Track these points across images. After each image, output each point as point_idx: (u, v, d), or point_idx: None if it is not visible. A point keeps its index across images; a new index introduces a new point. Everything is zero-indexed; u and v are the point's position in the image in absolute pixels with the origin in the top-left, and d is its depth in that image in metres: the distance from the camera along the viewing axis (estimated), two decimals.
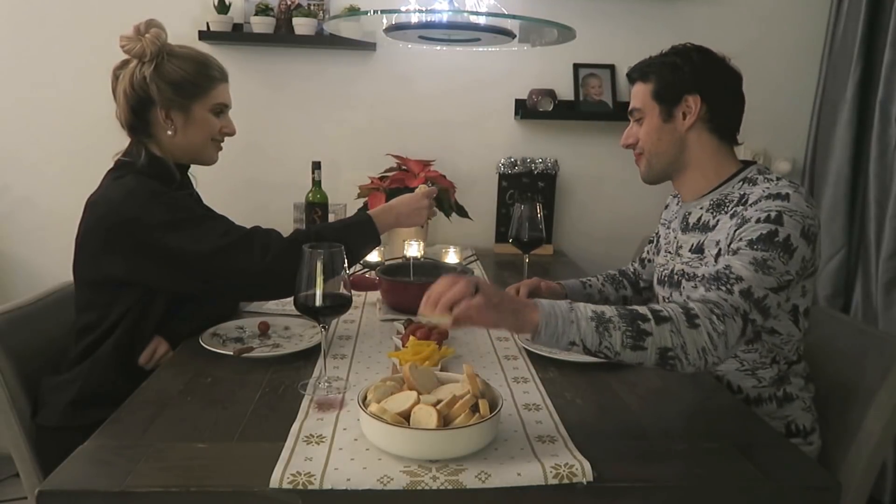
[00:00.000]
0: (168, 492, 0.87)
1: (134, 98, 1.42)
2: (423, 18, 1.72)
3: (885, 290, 2.25)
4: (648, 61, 1.43)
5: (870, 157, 2.32)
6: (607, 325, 1.03)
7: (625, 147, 1.47)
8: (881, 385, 1.33)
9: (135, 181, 1.39)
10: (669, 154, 1.41)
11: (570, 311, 1.04)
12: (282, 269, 1.32)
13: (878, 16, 2.34)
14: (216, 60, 1.51)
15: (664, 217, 1.63)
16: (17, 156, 2.52)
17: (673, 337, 1.05)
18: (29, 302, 1.53)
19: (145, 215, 1.33)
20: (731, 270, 1.17)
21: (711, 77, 1.38)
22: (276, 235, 1.40)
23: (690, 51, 1.40)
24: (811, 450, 1.36)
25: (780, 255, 1.18)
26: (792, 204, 1.23)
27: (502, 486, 0.88)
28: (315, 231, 1.45)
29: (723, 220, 1.34)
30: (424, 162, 2.41)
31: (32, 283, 2.41)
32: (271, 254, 1.35)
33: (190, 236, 1.34)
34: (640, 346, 1.04)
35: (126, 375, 1.37)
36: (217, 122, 1.51)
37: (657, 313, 1.07)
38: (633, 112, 1.44)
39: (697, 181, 1.43)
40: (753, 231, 1.21)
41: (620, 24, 2.59)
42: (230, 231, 1.38)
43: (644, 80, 1.42)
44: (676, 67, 1.38)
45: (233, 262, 1.34)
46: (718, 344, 1.07)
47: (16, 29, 2.45)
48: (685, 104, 1.37)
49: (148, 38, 1.40)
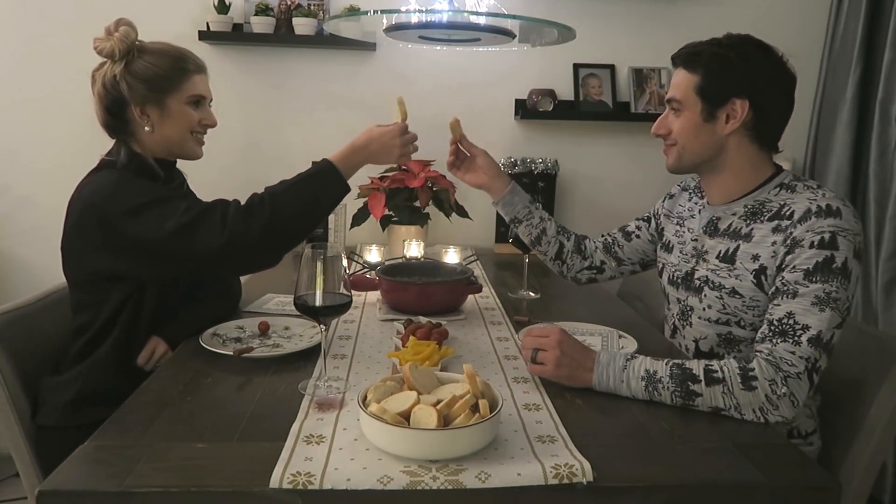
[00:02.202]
0: (168, 492, 0.86)
1: (107, 98, 1.42)
2: (423, 18, 1.71)
3: (885, 291, 2.25)
4: (698, 47, 1.29)
5: (870, 157, 2.32)
6: (657, 386, 1.12)
7: (655, 136, 1.38)
8: (881, 385, 1.33)
9: (105, 176, 1.38)
10: (704, 154, 1.33)
11: (622, 370, 1.14)
12: (241, 240, 1.30)
13: (878, 16, 2.34)
14: (191, 53, 1.50)
15: (668, 209, 1.56)
16: (17, 156, 2.52)
17: (725, 398, 1.09)
18: (29, 302, 1.53)
19: (109, 206, 1.32)
20: (794, 319, 1.13)
21: (766, 81, 1.26)
22: (234, 205, 1.35)
23: (748, 45, 1.26)
24: (811, 450, 1.36)
25: (841, 282, 1.14)
26: (844, 222, 1.17)
27: (502, 486, 0.88)
28: (270, 192, 1.36)
29: (761, 231, 1.27)
30: (424, 162, 2.41)
31: (32, 283, 2.41)
32: (228, 227, 1.30)
33: (151, 220, 1.31)
34: (689, 405, 1.11)
35: (125, 375, 1.37)
36: (195, 114, 1.48)
37: (710, 374, 1.10)
38: (672, 101, 1.33)
39: (730, 185, 1.35)
40: (808, 259, 1.16)
41: (620, 24, 2.59)
42: (191, 207, 1.33)
43: (689, 68, 1.29)
44: (729, 63, 1.25)
45: (195, 239, 1.30)
46: (780, 404, 1.08)
47: (16, 29, 2.45)
48: (731, 107, 1.26)
49: (117, 37, 1.40)
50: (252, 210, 1.32)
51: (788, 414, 1.09)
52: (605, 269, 1.69)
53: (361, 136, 1.46)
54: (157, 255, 1.32)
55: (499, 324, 1.59)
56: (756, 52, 1.27)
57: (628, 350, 1.36)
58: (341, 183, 1.41)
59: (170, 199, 1.35)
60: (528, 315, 1.65)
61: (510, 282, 2.02)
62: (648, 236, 1.63)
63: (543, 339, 1.20)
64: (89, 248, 1.36)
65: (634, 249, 1.65)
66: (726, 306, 1.32)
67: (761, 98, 1.26)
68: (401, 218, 2.35)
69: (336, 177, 1.40)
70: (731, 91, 1.26)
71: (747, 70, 1.25)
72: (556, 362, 1.17)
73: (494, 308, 1.74)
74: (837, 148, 2.43)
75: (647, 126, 2.57)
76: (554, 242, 1.67)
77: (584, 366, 1.17)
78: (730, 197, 1.36)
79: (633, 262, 1.67)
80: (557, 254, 1.68)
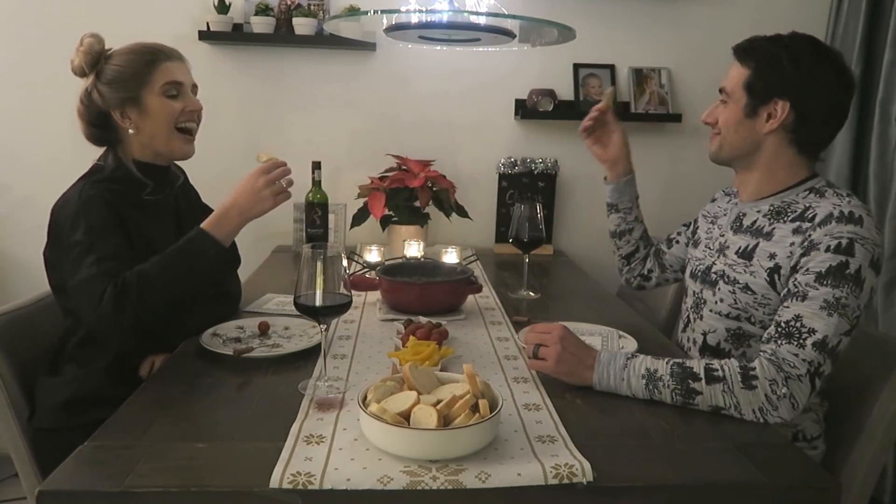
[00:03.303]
0: (168, 492, 0.86)
1: (87, 112, 1.43)
2: (423, 18, 1.71)
3: (885, 291, 2.25)
4: (755, 42, 1.30)
5: (870, 157, 2.32)
6: (657, 384, 1.12)
7: (704, 123, 1.39)
8: (883, 387, 1.33)
9: (78, 193, 1.37)
10: (742, 149, 1.33)
11: (623, 369, 1.15)
12: (109, 326, 1.27)
13: (878, 16, 2.34)
14: (163, 45, 1.46)
15: (708, 210, 1.58)
16: (17, 156, 2.52)
17: (725, 397, 1.09)
18: (28, 302, 1.53)
19: (65, 230, 1.33)
20: (801, 322, 1.13)
21: (812, 86, 1.24)
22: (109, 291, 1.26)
23: (804, 47, 1.25)
24: (815, 454, 1.35)
25: (852, 289, 1.13)
26: (864, 230, 1.17)
27: (502, 486, 0.88)
28: (137, 272, 1.28)
29: (781, 230, 1.27)
30: (424, 162, 2.41)
31: (32, 284, 2.39)
32: (98, 311, 1.26)
33: (73, 263, 1.30)
34: (689, 404, 1.11)
35: (118, 379, 1.36)
36: (174, 104, 1.43)
37: (711, 372, 1.11)
38: (722, 92, 1.35)
39: (761, 184, 1.35)
40: (822, 262, 1.16)
41: (620, 24, 2.59)
42: (92, 278, 1.27)
43: (743, 61, 1.30)
44: (778, 63, 1.24)
45: (79, 303, 1.31)
46: (779, 405, 1.08)
47: (16, 29, 2.45)
48: (773, 106, 1.27)
49: (81, 51, 1.41)
50: (122, 297, 1.26)
51: (787, 416, 1.08)
52: (651, 277, 1.72)
53: (227, 198, 1.39)
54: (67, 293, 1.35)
55: (499, 324, 1.59)
56: (811, 56, 1.25)
57: (628, 350, 1.36)
58: (215, 245, 1.34)
59: (91, 248, 1.30)
60: (528, 315, 1.65)
61: (510, 282, 2.02)
62: (685, 240, 1.65)
63: (546, 334, 1.21)
64: (55, 256, 1.39)
65: (675, 256, 1.68)
66: (738, 301, 1.33)
67: (804, 102, 1.25)
68: (401, 218, 2.35)
69: (207, 240, 1.33)
70: (775, 91, 1.26)
71: (795, 72, 1.24)
72: (557, 358, 1.17)
73: (494, 308, 1.74)
74: (837, 148, 2.43)
75: (647, 126, 2.61)
76: (633, 244, 1.70)
77: (584, 363, 1.17)
78: (759, 195, 1.36)
79: (675, 270, 1.69)
80: (630, 255, 1.72)
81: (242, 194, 1.38)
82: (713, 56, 2.61)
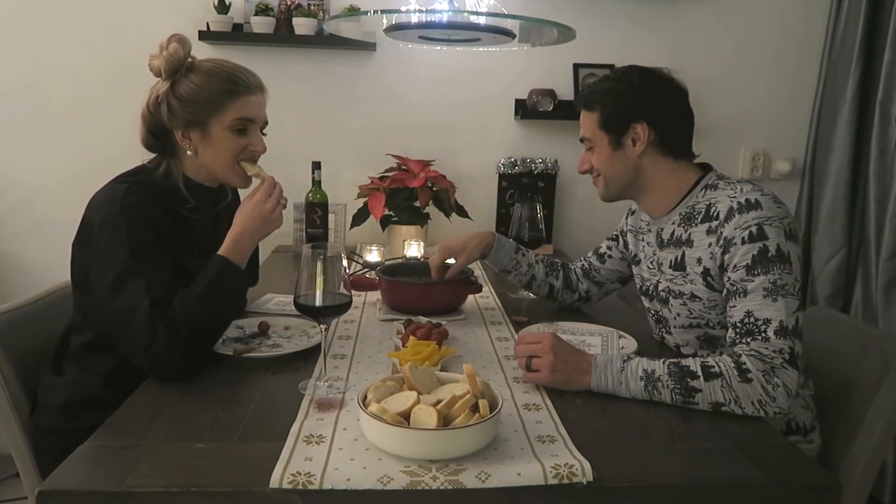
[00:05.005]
0: (168, 492, 0.86)
1: (150, 120, 1.36)
2: (423, 18, 1.72)
3: (884, 290, 2.25)
4: (591, 89, 1.41)
5: (870, 156, 2.32)
6: (656, 384, 1.13)
7: (581, 173, 1.46)
8: (881, 385, 1.33)
9: (119, 189, 1.30)
10: (625, 178, 1.40)
11: (620, 371, 1.15)
12: (164, 364, 1.20)
13: (878, 16, 2.34)
14: (246, 71, 1.40)
15: (631, 224, 1.59)
16: (17, 156, 2.51)
17: (724, 392, 1.11)
18: (28, 302, 1.53)
19: (95, 227, 1.27)
20: (754, 317, 1.17)
21: (656, 101, 1.36)
22: (159, 332, 1.20)
23: (632, 75, 1.37)
24: (811, 448, 1.36)
25: (782, 268, 1.18)
26: (766, 211, 1.23)
27: (502, 486, 0.88)
28: (182, 311, 1.22)
29: (697, 234, 1.33)
30: (424, 162, 2.41)
31: (32, 283, 2.40)
32: (152, 350, 1.19)
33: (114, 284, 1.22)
34: (690, 402, 1.12)
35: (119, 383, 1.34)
36: (239, 140, 1.37)
37: (708, 369, 1.12)
38: (584, 140, 1.43)
39: (661, 199, 1.41)
40: (744, 255, 1.21)
41: (620, 24, 2.59)
42: (142, 310, 1.21)
43: (589, 108, 1.40)
44: (619, 95, 1.35)
45: (125, 334, 1.23)
46: (777, 395, 1.10)
47: (16, 27, 2.45)
48: (633, 132, 1.35)
49: (164, 55, 1.32)
50: (173, 338, 1.20)
51: (785, 405, 1.11)
52: (591, 297, 1.73)
53: (235, 224, 1.34)
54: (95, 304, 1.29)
55: (499, 324, 1.59)
56: (640, 78, 1.37)
57: (628, 350, 1.36)
58: (240, 274, 1.32)
59: (138, 271, 1.23)
60: (528, 315, 1.65)
61: (510, 282, 2.02)
62: (619, 254, 1.66)
63: (536, 345, 1.21)
64: (82, 253, 1.33)
65: (610, 270, 1.68)
66: (692, 311, 1.36)
67: (657, 117, 1.35)
68: (401, 218, 2.36)
69: (234, 270, 1.30)
70: (628, 118, 1.35)
71: (636, 95, 1.35)
72: (552, 367, 1.17)
73: (494, 308, 1.74)
74: (837, 148, 2.43)
75: None
76: (544, 285, 1.70)
77: (579, 368, 1.18)
78: (666, 209, 1.41)
79: (612, 281, 1.70)
80: (549, 294, 1.72)
81: (255, 220, 1.34)
82: (713, 56, 2.63)
